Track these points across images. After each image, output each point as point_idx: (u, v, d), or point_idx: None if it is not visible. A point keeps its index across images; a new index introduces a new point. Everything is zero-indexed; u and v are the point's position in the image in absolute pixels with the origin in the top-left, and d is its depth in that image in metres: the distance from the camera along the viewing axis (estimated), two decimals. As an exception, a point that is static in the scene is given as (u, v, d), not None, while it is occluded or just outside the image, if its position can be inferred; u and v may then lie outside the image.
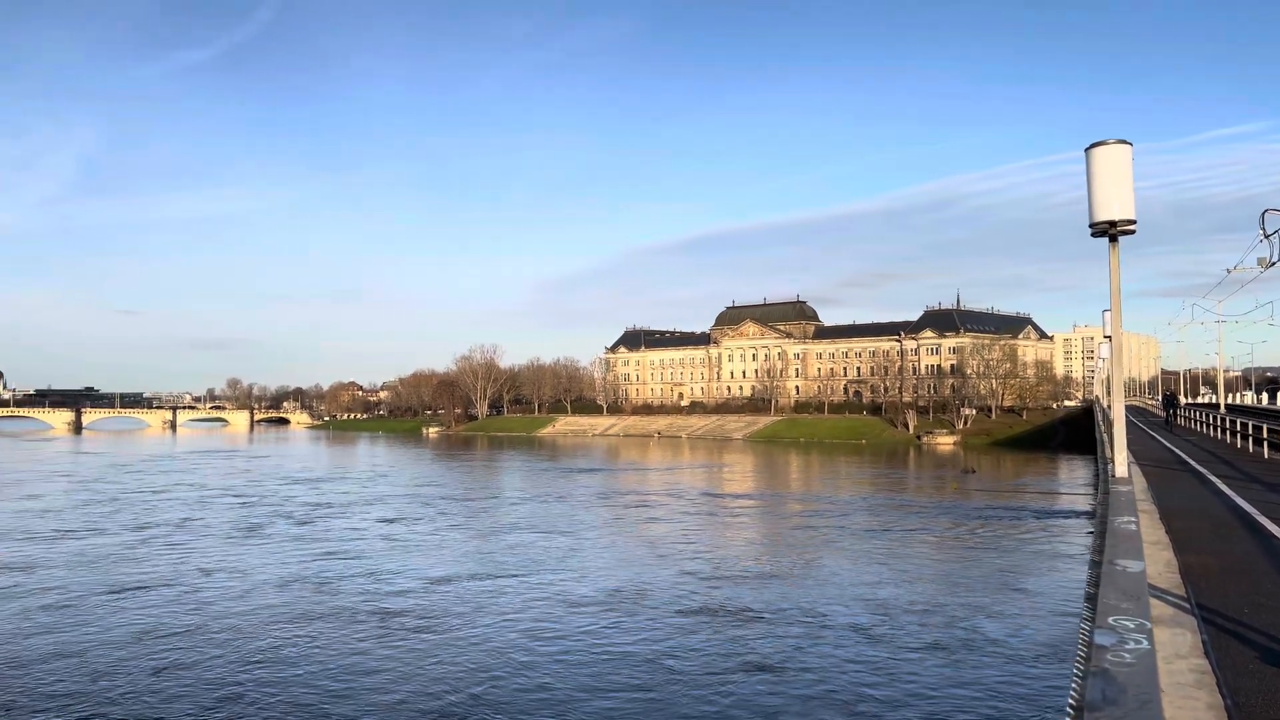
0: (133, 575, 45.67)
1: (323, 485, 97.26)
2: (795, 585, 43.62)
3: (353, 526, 64.18)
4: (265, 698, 27.23)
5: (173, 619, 36.57)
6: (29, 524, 64.55)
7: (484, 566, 48.65)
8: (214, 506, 76.19)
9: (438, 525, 65.15)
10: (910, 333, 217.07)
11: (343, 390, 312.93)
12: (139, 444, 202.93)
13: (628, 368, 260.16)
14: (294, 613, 37.74)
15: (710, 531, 61.89)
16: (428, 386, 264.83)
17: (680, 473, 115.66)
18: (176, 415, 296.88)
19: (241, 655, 31.50)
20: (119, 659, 31.06)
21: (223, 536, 59.09)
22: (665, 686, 28.18)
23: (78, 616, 37.06)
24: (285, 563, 49.54)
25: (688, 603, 39.35)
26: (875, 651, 32.09)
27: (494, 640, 33.51)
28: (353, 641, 33.31)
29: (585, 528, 63.56)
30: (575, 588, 42.87)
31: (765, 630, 34.93)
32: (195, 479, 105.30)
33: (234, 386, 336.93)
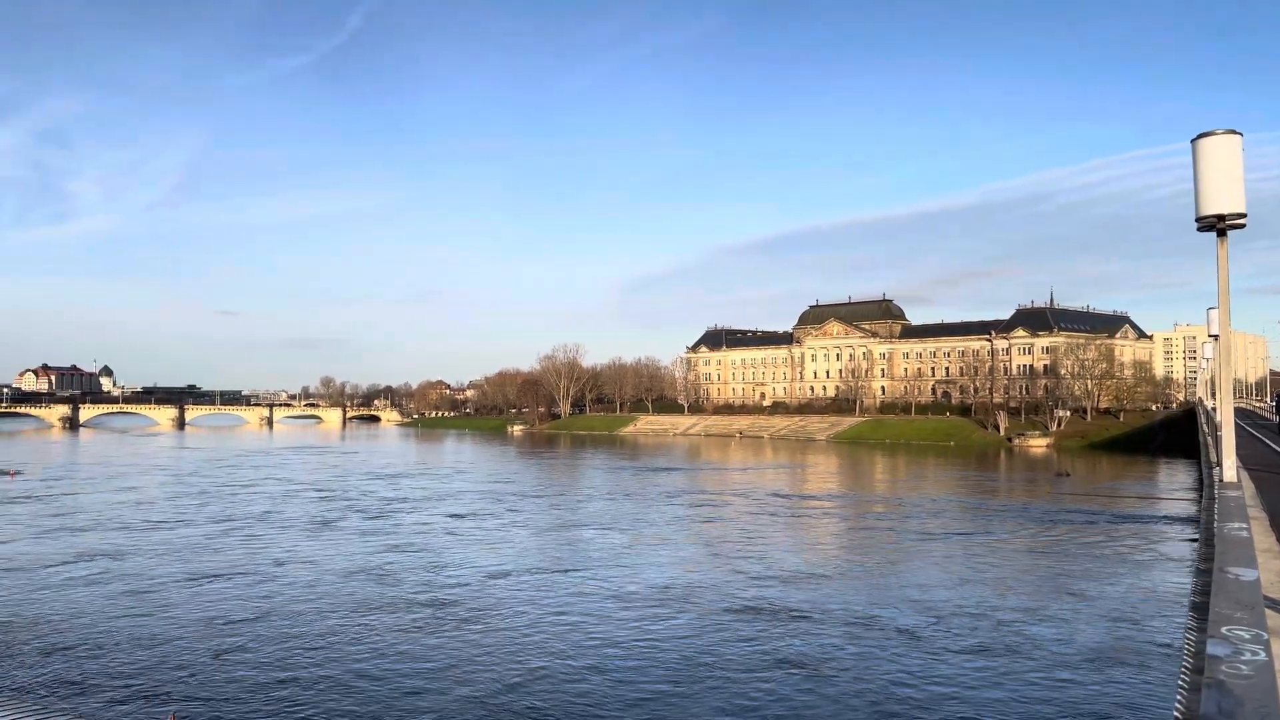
0: (211, 564, 48.55)
1: (401, 481, 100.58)
2: (854, 587, 43.65)
3: (422, 521, 66.51)
4: (315, 682, 28.88)
5: (241, 606, 38.89)
6: (124, 515, 68.82)
7: (541, 561, 50.04)
8: (295, 500, 79.79)
9: (504, 521, 67.05)
10: (1001, 332, 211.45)
11: (431, 389, 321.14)
12: (236, 440, 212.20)
13: (709, 367, 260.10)
14: (354, 602, 39.68)
15: (773, 532, 62.08)
16: (512, 385, 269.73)
17: (757, 473, 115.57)
18: (273, 412, 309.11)
19: (299, 641, 33.39)
20: (187, 642, 33.26)
21: (298, 529, 62.10)
22: (699, 682, 28.82)
23: (156, 602, 39.67)
24: (353, 555, 51.89)
25: (734, 601, 39.87)
26: (928, 659, 31.96)
27: (537, 632, 34.70)
28: (403, 630, 34.92)
29: (647, 525, 64.47)
30: (625, 584, 43.75)
31: (807, 630, 35.20)
32: (283, 474, 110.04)
33: (327, 385, 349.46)
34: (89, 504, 76.39)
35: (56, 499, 79.92)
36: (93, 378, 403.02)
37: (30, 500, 78.64)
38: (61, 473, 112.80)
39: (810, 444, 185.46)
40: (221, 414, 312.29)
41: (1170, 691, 20.79)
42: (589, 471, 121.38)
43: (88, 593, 41.16)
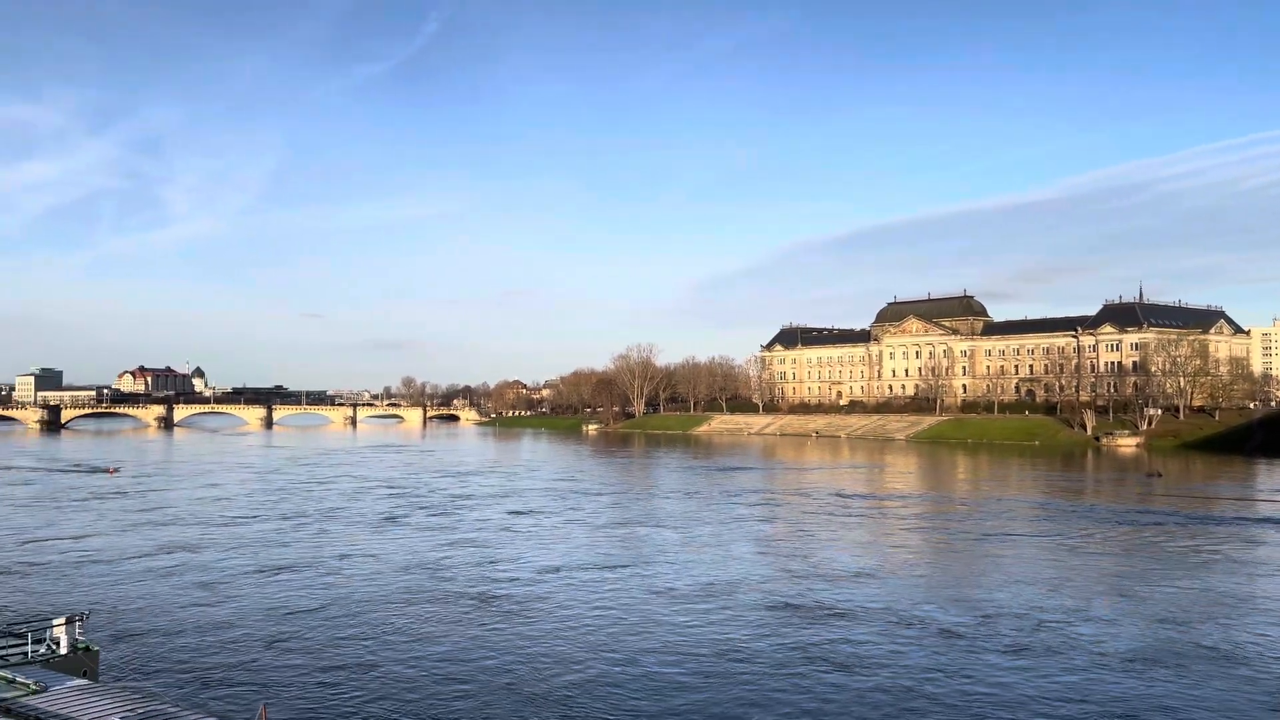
0: (279, 558, 51.33)
1: (470, 479, 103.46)
2: (899, 587, 43.75)
3: (483, 518, 68.80)
4: (363, 668, 30.62)
5: (303, 597, 41.19)
6: (204, 510, 72.73)
7: (591, 558, 51.42)
8: (366, 497, 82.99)
9: (562, 518, 68.76)
10: (1088, 328, 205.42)
11: (507, 388, 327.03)
12: (320, 439, 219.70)
13: (784, 366, 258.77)
14: (407, 594, 41.61)
15: (827, 531, 62.32)
16: (587, 385, 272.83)
17: (827, 473, 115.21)
18: (357, 412, 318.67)
19: (352, 630, 35.33)
20: (250, 629, 35.55)
21: (365, 524, 64.95)
22: (727, 676, 29.61)
23: (225, 592, 42.29)
24: (413, 549, 54.12)
25: (775, 599, 40.55)
26: (963, 657, 32.08)
27: (576, 626, 36.03)
28: (450, 622, 36.64)
29: (702, 524, 65.29)
30: (670, 581, 44.74)
31: (843, 627, 35.62)
32: (359, 472, 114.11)
33: (408, 385, 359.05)
34: (174, 499, 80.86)
35: (145, 495, 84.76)
36: (186, 379, 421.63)
37: (122, 496, 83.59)
38: (154, 470, 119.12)
39: (889, 444, 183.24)
40: (307, 414, 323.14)
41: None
42: (656, 470, 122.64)
43: (163, 583, 44.01)
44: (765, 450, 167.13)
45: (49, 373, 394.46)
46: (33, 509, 73.98)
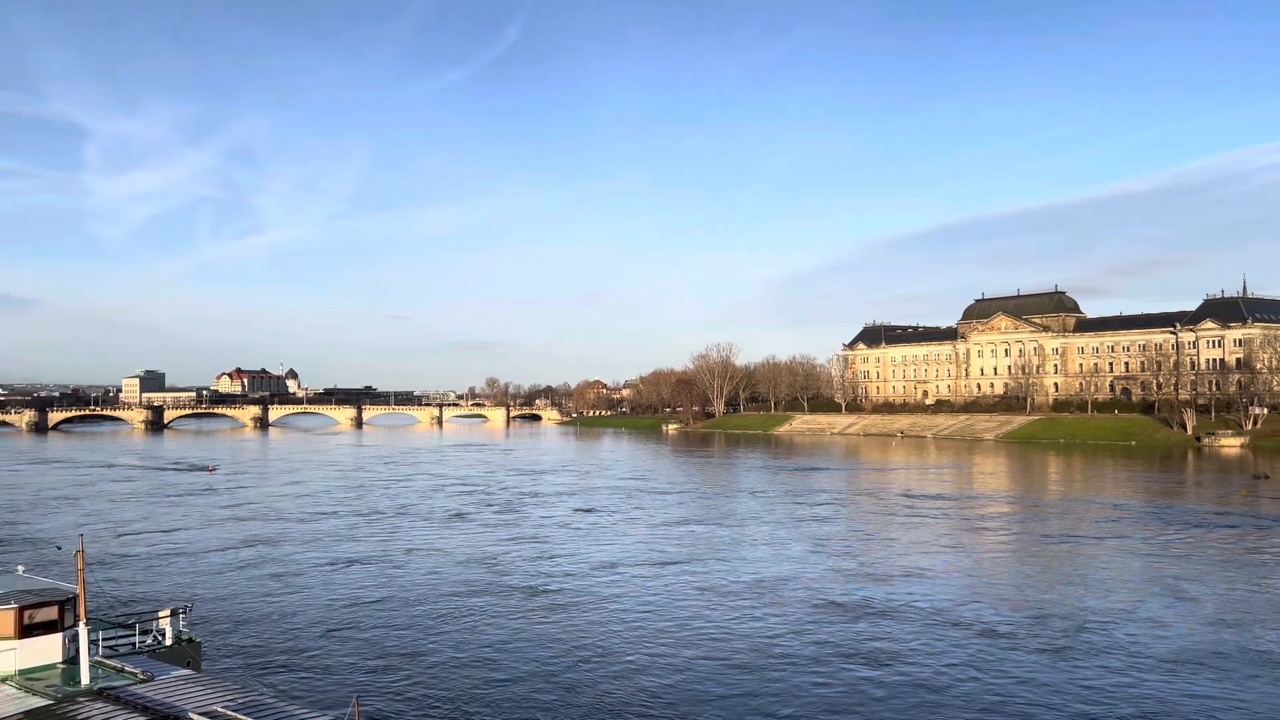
0: (350, 552, 54.11)
1: (544, 477, 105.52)
2: (948, 587, 43.73)
3: (549, 515, 70.81)
4: (412, 657, 32.46)
5: (368, 590, 43.49)
6: (287, 506, 76.25)
7: (647, 555, 52.74)
8: (440, 494, 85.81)
9: (626, 516, 70.27)
10: (1188, 324, 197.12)
11: (588, 388, 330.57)
12: (407, 438, 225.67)
13: (867, 365, 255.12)
14: (464, 587, 43.57)
15: (887, 531, 62.26)
16: (666, 384, 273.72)
17: (909, 473, 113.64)
18: (443, 412, 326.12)
19: (409, 621, 37.30)
20: (314, 619, 37.96)
21: (434, 521, 67.61)
22: (761, 671, 30.44)
23: (295, 584, 44.98)
24: (476, 545, 56.35)
25: (821, 597, 41.18)
26: (1000, 657, 32.05)
27: (622, 620, 37.37)
28: (503, 615, 38.38)
29: (762, 523, 65.88)
30: (721, 577, 45.71)
31: (884, 626, 36.05)
32: (438, 470, 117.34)
33: (492, 385, 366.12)
34: (261, 496, 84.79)
35: (234, 491, 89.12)
36: (280, 380, 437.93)
37: (213, 492, 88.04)
38: (247, 468, 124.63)
39: (977, 444, 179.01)
40: (395, 413, 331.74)
41: None
42: (729, 470, 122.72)
43: (251, 577, 46.85)
44: (847, 451, 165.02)
45: (152, 375, 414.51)
46: (136, 504, 78.73)
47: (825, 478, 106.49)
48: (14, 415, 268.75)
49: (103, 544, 54.90)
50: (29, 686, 21.06)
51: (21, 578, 27.44)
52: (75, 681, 21.18)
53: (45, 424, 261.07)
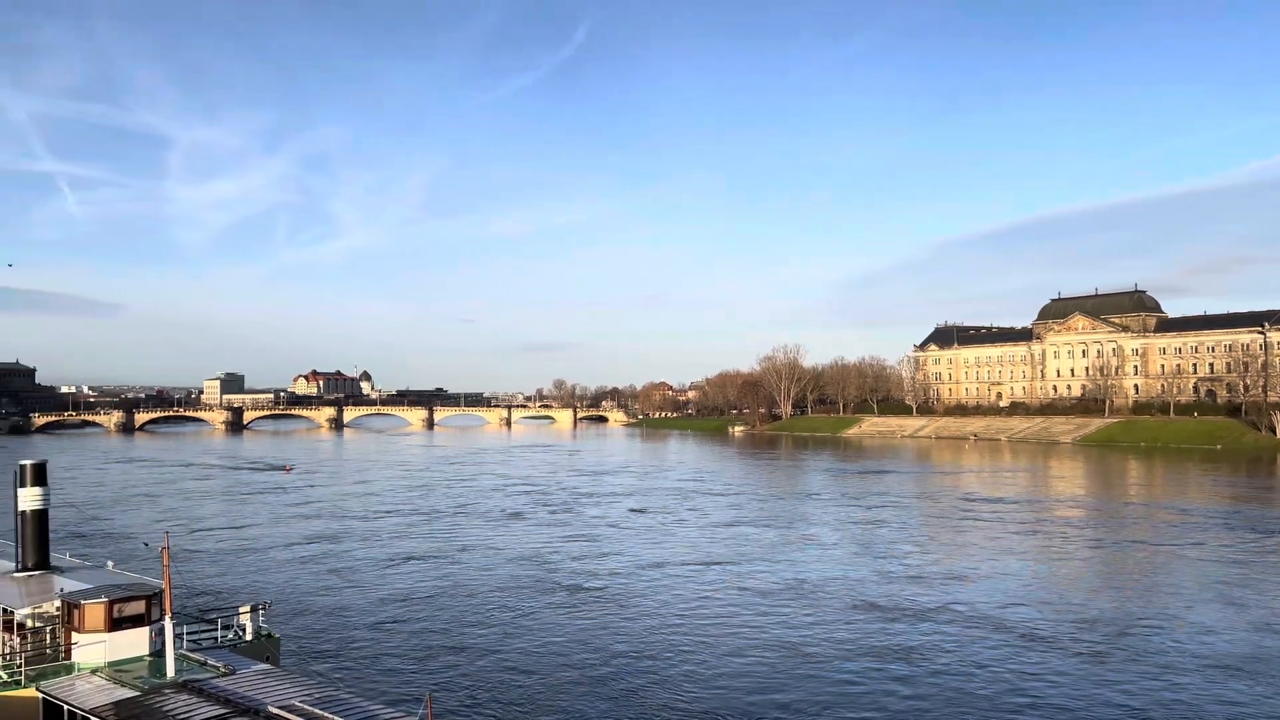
0: (408, 549, 56.13)
1: (604, 478, 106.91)
2: (989, 590, 43.59)
3: (602, 514, 72.35)
4: (458, 650, 34.24)
5: (421, 586, 45.31)
6: (352, 505, 79.10)
7: (694, 555, 53.78)
8: (500, 494, 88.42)
9: (678, 517, 71.28)
10: (1277, 323, 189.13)
11: (654, 390, 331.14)
12: (476, 438, 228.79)
13: (939, 366, 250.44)
14: (513, 584, 45.24)
15: (937, 534, 61.92)
16: (733, 386, 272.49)
17: (978, 476, 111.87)
18: (511, 413, 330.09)
19: (472, 619, 38.77)
20: (382, 615, 39.80)
21: (490, 519, 69.65)
22: (791, 671, 31.31)
23: (362, 580, 46.88)
24: (528, 543, 58.10)
25: (860, 598, 41.71)
26: (1034, 659, 32.12)
27: (659, 617, 38.58)
28: (546, 610, 40.00)
29: (815, 524, 66.16)
30: (764, 578, 46.55)
31: (919, 627, 36.51)
32: (502, 470, 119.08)
33: (559, 387, 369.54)
34: (332, 495, 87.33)
35: (307, 490, 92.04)
36: (354, 382, 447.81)
37: (288, 491, 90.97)
38: (320, 467, 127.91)
39: (1053, 447, 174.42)
40: (465, 415, 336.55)
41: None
42: (791, 472, 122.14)
43: (310, 571, 49.16)
44: (918, 454, 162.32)
45: (232, 377, 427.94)
46: (216, 502, 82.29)
47: (888, 481, 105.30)
48: (103, 416, 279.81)
49: (183, 540, 57.50)
50: (118, 678, 21.81)
51: (110, 573, 28.50)
52: (161, 674, 21.87)
53: (132, 425, 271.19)
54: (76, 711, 20.32)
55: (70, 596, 23.90)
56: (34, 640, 24.43)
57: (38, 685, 21.89)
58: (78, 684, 21.73)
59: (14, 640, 24.76)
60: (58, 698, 21.08)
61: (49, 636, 24.40)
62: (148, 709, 19.30)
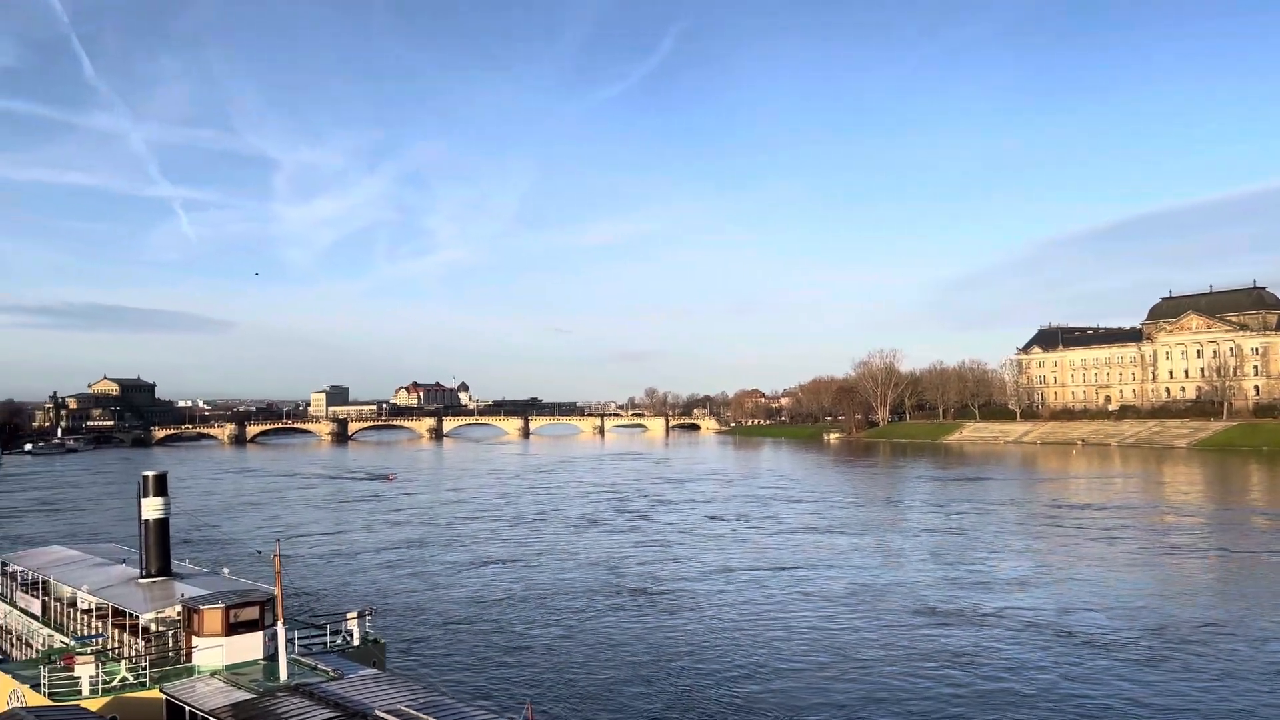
0: (489, 553, 58.78)
1: (687, 485, 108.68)
2: (1056, 596, 43.36)
3: (677, 521, 73.65)
4: (527, 649, 36.49)
5: (497, 588, 47.81)
6: (441, 512, 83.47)
7: (761, 560, 54.77)
8: (582, 501, 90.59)
9: (753, 523, 72.05)
10: None
11: (746, 397, 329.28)
12: (570, 447, 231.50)
13: (1043, 369, 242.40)
14: (584, 587, 47.19)
15: (1020, 540, 61.00)
16: (827, 392, 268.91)
17: (1081, 483, 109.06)
18: (604, 422, 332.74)
19: (549, 621, 40.72)
20: (463, 617, 42.15)
21: (569, 525, 71.89)
22: (842, 673, 32.26)
23: (449, 584, 49.23)
24: (602, 548, 60.02)
25: (922, 603, 42.14)
26: (1092, 665, 32.28)
27: (724, 621, 39.78)
28: (611, 612, 41.77)
29: (890, 530, 66.09)
30: (828, 583, 47.43)
31: (979, 632, 36.88)
32: (590, 478, 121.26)
33: (651, 395, 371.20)
34: (427, 503, 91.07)
35: (407, 498, 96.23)
36: (452, 393, 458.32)
37: (390, 499, 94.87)
38: (418, 475, 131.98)
39: (1167, 452, 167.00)
40: (560, 424, 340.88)
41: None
42: (879, 479, 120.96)
43: (400, 576, 51.86)
44: (1023, 460, 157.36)
45: (337, 389, 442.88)
46: (323, 510, 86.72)
47: (982, 488, 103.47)
48: (217, 429, 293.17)
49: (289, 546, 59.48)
50: (235, 680, 22.82)
51: (226, 579, 29.85)
52: (274, 677, 22.78)
53: (244, 437, 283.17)
54: (197, 712, 21.26)
55: (190, 602, 25.04)
56: (157, 643, 25.75)
57: (161, 686, 23.02)
58: (198, 686, 22.78)
59: (139, 643, 26.15)
60: (180, 699, 22.12)
61: (171, 640, 25.67)
62: (263, 711, 20.07)
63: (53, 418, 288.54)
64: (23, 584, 34.01)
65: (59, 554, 36.83)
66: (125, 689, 23.09)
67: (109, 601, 28.33)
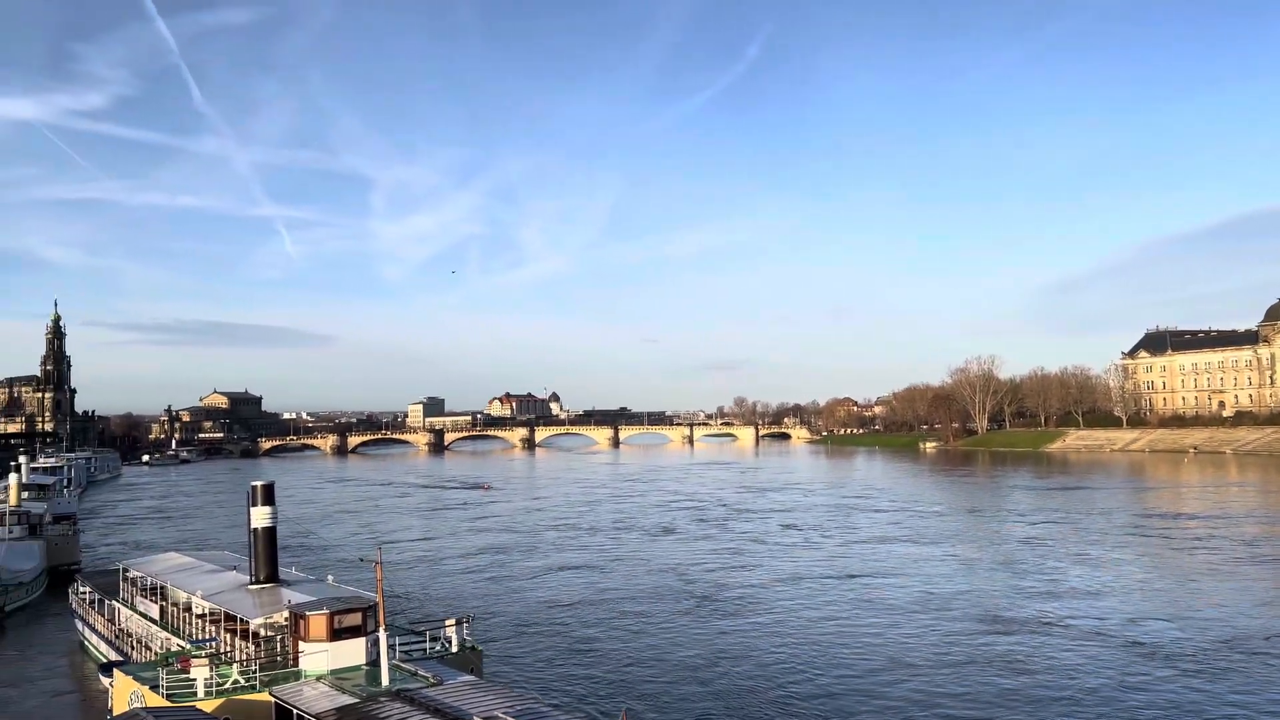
0: (564, 559, 60.54)
1: (770, 494, 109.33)
2: (1124, 605, 42.96)
3: (751, 529, 74.34)
4: (641, 664, 37.66)
5: (571, 593, 49.42)
6: (524, 520, 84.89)
7: (829, 569, 55.34)
8: (661, 509, 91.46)
9: (827, 532, 72.28)
10: None
11: (838, 406, 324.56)
12: (659, 456, 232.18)
13: (1150, 374, 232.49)
14: (652, 592, 48.65)
15: (1101, 550, 59.66)
16: (922, 401, 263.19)
17: (1186, 493, 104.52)
18: (693, 431, 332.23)
19: (611, 622, 42.38)
20: (556, 624, 43.90)
21: (645, 533, 73.37)
22: (896, 678, 32.93)
23: (524, 588, 51.35)
24: (673, 555, 61.35)
25: (986, 612, 42.19)
26: (1152, 675, 32.25)
27: (785, 626, 40.76)
28: (678, 616, 43.18)
29: (964, 541, 65.55)
30: (894, 591, 47.88)
31: (1039, 640, 36.87)
32: (672, 486, 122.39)
33: (740, 404, 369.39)
34: (521, 511, 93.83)
35: (498, 506, 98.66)
36: (544, 403, 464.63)
37: (479, 507, 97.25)
38: (508, 484, 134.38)
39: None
40: (649, 433, 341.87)
41: None
42: (970, 489, 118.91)
43: (478, 580, 54.26)
44: (1129, 469, 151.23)
45: (434, 400, 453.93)
46: (422, 518, 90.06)
47: (1075, 497, 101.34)
48: (320, 440, 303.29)
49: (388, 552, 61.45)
50: (339, 685, 23.52)
51: (330, 586, 30.80)
52: (376, 682, 23.43)
53: (345, 447, 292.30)
54: (305, 716, 21.97)
55: (297, 608, 25.91)
56: (266, 648, 26.74)
57: (270, 690, 23.88)
58: (305, 690, 23.55)
59: (249, 648, 27.20)
60: (288, 702, 22.89)
61: (279, 645, 26.62)
62: (367, 716, 20.59)
63: (167, 430, 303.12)
64: (142, 589, 35.73)
65: (175, 560, 38.58)
66: (236, 691, 24.04)
67: (221, 607, 29.55)
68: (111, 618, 37.09)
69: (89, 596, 40.22)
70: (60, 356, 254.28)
